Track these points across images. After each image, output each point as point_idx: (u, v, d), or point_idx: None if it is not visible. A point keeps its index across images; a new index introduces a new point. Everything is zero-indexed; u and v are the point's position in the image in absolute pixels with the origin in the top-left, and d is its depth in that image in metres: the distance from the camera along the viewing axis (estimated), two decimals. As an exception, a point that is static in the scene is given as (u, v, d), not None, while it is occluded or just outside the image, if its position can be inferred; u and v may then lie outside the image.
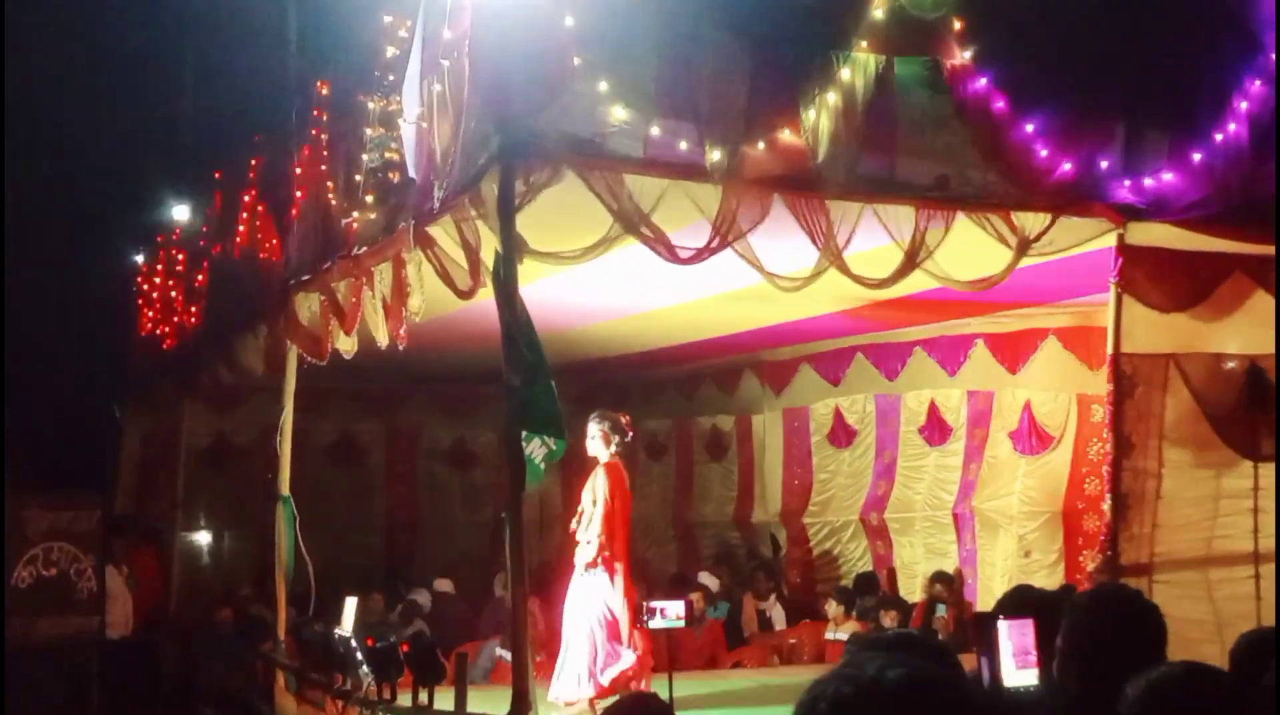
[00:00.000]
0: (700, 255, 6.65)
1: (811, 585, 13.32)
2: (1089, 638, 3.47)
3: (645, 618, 6.96)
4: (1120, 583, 5.36)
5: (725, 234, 6.55)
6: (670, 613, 6.96)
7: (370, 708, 7.75)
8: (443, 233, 7.00)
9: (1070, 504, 11.19)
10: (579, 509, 8.41)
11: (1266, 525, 7.26)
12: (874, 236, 6.90)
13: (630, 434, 8.67)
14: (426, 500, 15.80)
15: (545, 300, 8.12)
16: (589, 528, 8.13)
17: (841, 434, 13.28)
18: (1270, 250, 7.62)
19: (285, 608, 10.08)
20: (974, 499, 11.92)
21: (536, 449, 6.18)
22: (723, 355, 13.45)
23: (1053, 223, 7.08)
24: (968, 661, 4.06)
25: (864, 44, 6.78)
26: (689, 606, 7.29)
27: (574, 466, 15.60)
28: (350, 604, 8.62)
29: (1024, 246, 7.07)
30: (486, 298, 6.68)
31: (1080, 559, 10.89)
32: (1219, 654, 4.63)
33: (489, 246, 6.55)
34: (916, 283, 7.30)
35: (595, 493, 8.26)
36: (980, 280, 7.36)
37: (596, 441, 8.45)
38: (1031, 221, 7.11)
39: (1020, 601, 4.42)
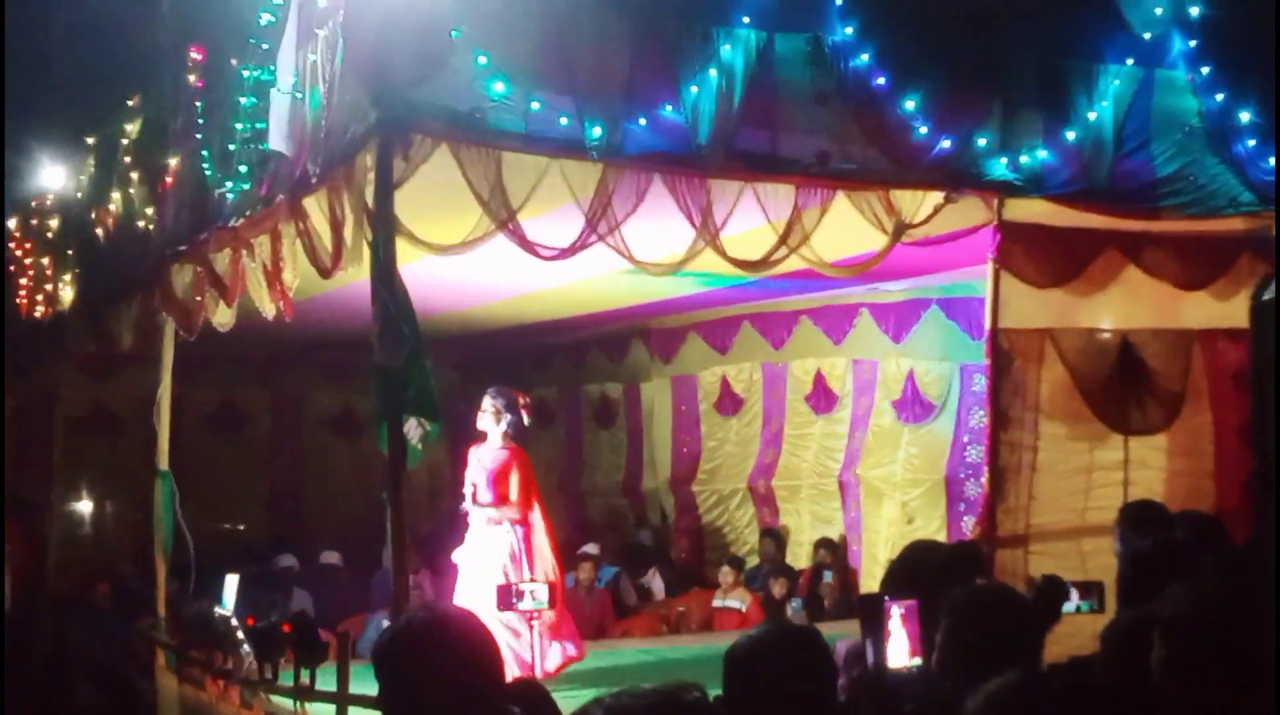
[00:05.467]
0: (565, 254, 6.63)
1: (700, 553, 13.42)
2: (967, 639, 3.54)
3: (514, 599, 6.91)
4: (1001, 583, 5.48)
5: (596, 225, 6.52)
6: (538, 595, 6.91)
7: (251, 687, 7.66)
8: (316, 208, 6.87)
9: (952, 471, 11.40)
10: (470, 481, 8.40)
11: (1136, 496, 7.41)
12: (750, 217, 6.90)
13: (527, 415, 8.65)
14: (313, 470, 15.58)
15: (424, 281, 8.02)
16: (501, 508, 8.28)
17: (729, 402, 13.37)
18: (1141, 226, 7.80)
19: (165, 584, 9.90)
20: (859, 466, 12.09)
21: (413, 430, 6.11)
22: (611, 324, 13.44)
23: (935, 212, 7.16)
24: (853, 628, 4.09)
25: (745, 19, 6.75)
26: (552, 590, 7.27)
27: (466, 436, 15.62)
28: (231, 581, 8.48)
29: (900, 232, 7.14)
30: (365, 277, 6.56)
31: (962, 525, 11.11)
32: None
33: (353, 224, 6.45)
34: (794, 263, 7.33)
35: (508, 478, 8.32)
36: (853, 265, 7.42)
37: (487, 416, 8.46)
38: (909, 201, 7.17)
39: (917, 564, 4.45)
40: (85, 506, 14.11)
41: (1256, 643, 3.51)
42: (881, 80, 7.02)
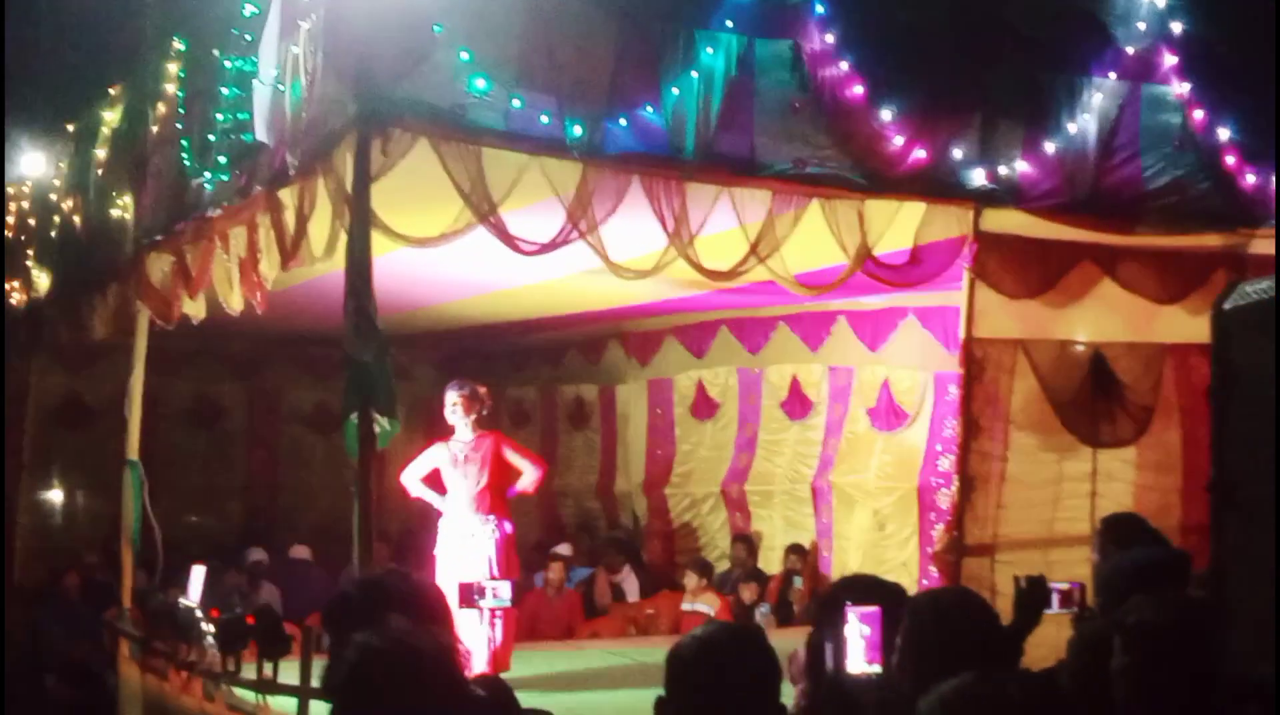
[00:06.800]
0: (546, 249, 6.63)
1: (671, 556, 13.42)
2: (927, 641, 3.54)
3: (476, 597, 6.87)
4: (963, 587, 5.49)
5: (578, 222, 6.52)
6: (500, 593, 6.87)
7: (214, 679, 7.63)
8: (291, 200, 6.87)
9: (925, 480, 11.41)
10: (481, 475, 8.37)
11: (1104, 508, 7.46)
12: (725, 219, 6.92)
13: (488, 405, 8.62)
14: (288, 464, 15.52)
15: (402, 274, 8.02)
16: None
17: (704, 406, 13.37)
18: (1118, 240, 7.85)
19: (131, 575, 9.86)
20: (832, 473, 12.11)
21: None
22: (588, 325, 13.44)
23: (914, 252, 7.17)
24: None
25: (728, 23, 6.77)
26: (515, 587, 7.24)
27: (441, 432, 15.57)
28: (197, 573, 8.45)
29: (862, 257, 7.17)
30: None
31: (933, 533, 11.14)
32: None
33: (323, 217, 6.45)
34: (764, 275, 7.35)
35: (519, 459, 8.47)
36: (816, 285, 7.47)
37: (458, 410, 8.36)
38: (883, 212, 7.19)
39: (862, 589, 4.46)
40: (56, 497, 14.04)
41: (1215, 655, 3.54)
42: (859, 89, 7.05)
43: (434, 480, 8.65)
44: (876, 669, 3.91)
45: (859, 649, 3.92)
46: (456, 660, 2.72)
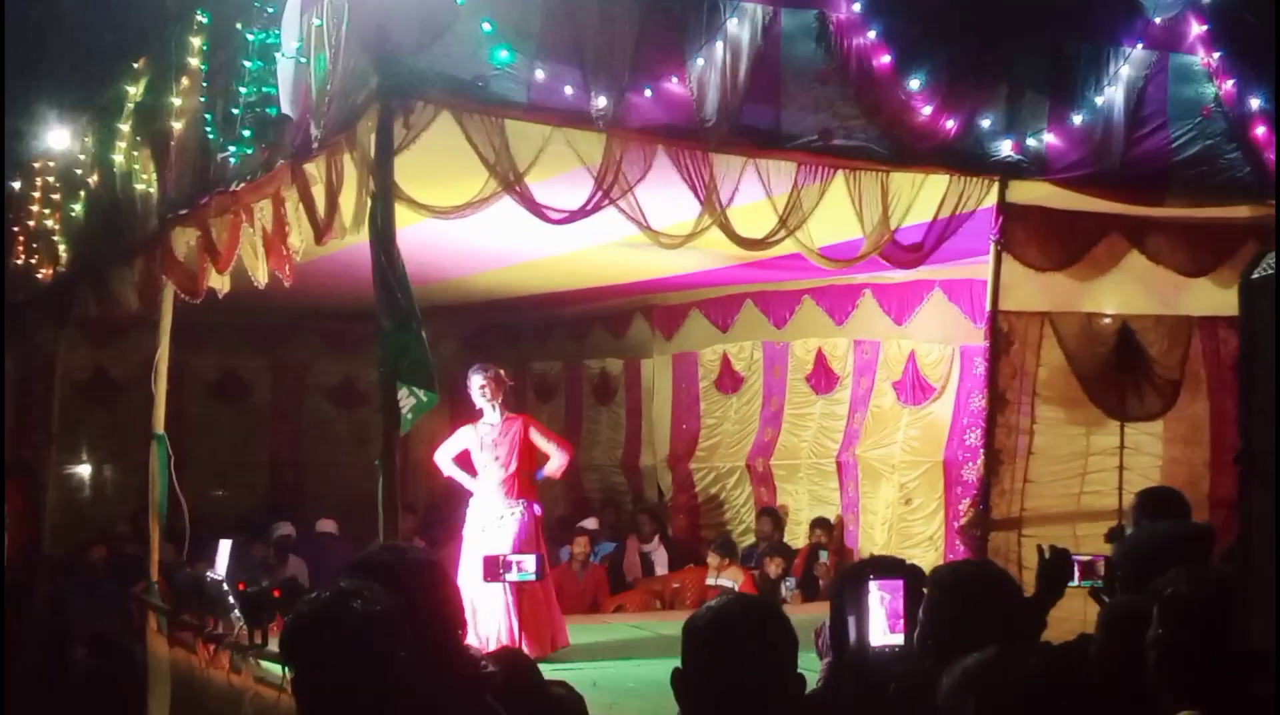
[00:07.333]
0: (576, 216, 6.59)
1: (696, 530, 13.42)
2: (949, 614, 3.52)
3: (501, 570, 6.87)
4: (984, 559, 5.46)
5: (609, 189, 6.48)
6: (525, 567, 6.89)
7: (241, 652, 7.67)
8: (318, 173, 6.86)
9: (951, 454, 11.36)
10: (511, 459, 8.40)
11: (1131, 482, 7.43)
12: (754, 190, 6.88)
13: (511, 384, 8.68)
14: (312, 439, 15.60)
15: (427, 246, 8.00)
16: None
17: (729, 380, 13.35)
18: (1145, 211, 7.77)
19: (159, 548, 9.92)
20: (858, 447, 12.07)
21: (405, 399, 6.08)
22: (613, 299, 13.42)
23: (933, 224, 7.07)
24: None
25: (754, -8, 6.72)
26: (541, 561, 7.24)
27: (465, 408, 15.56)
28: (225, 546, 8.48)
29: (880, 242, 7.13)
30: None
31: (960, 507, 11.09)
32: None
33: (350, 190, 6.43)
34: (793, 246, 7.31)
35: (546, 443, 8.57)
36: (839, 260, 7.42)
37: (485, 393, 8.39)
38: (908, 186, 7.14)
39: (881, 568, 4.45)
40: (84, 471, 14.14)
41: (1243, 629, 3.51)
42: (886, 59, 6.98)
43: (463, 461, 8.68)
44: (899, 639, 3.90)
45: (880, 620, 3.91)
46: (405, 626, 2.76)
